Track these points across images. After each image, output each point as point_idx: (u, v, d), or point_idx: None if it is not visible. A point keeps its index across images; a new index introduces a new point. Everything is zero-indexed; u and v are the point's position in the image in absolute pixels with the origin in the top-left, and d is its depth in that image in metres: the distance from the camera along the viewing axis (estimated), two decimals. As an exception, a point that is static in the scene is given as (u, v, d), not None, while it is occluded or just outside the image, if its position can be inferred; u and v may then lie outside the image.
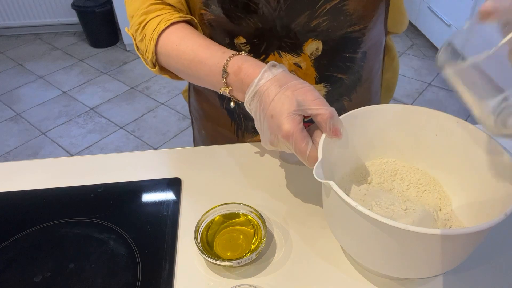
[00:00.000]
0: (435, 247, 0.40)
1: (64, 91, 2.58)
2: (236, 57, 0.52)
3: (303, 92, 0.47)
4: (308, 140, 0.47)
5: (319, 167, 0.44)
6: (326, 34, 0.60)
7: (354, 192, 0.55)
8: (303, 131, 0.47)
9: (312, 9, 0.57)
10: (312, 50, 0.62)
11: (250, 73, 0.49)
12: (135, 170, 0.68)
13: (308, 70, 0.65)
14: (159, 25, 0.57)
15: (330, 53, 0.63)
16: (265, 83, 0.48)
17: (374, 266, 0.48)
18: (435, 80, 2.52)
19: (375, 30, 0.64)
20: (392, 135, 0.57)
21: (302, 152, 0.47)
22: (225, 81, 0.52)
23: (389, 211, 0.50)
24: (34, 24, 3.17)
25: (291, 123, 0.46)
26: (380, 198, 0.52)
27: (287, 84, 0.47)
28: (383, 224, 0.39)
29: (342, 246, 0.51)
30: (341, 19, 0.58)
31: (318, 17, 0.58)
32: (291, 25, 0.59)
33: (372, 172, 0.58)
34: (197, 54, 0.55)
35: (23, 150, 2.13)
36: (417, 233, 0.38)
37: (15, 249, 0.56)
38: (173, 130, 2.24)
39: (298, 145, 0.46)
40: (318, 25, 0.59)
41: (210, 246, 0.53)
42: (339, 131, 0.48)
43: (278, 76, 0.49)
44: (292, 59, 0.63)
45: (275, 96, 0.47)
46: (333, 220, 0.49)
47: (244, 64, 0.51)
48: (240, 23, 0.59)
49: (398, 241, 0.41)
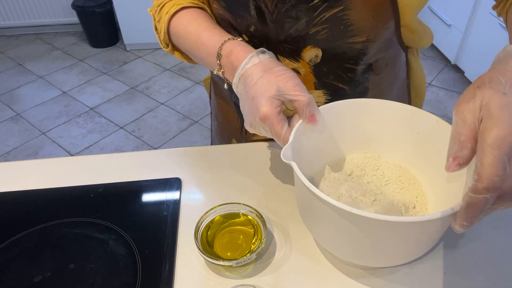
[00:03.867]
0: (387, 234, 0.42)
1: (64, 91, 2.58)
2: (231, 41, 0.55)
3: (285, 78, 0.49)
4: (284, 123, 0.49)
5: (288, 149, 0.46)
6: (325, 42, 0.59)
7: (329, 180, 0.56)
8: (280, 115, 0.49)
9: (310, 16, 0.56)
10: (311, 57, 0.61)
11: (239, 56, 0.52)
12: (135, 170, 0.68)
13: (307, 76, 0.64)
14: (171, 8, 0.61)
15: (330, 61, 0.62)
16: (250, 67, 0.51)
17: (334, 251, 0.50)
18: (435, 80, 2.52)
19: (381, 43, 0.62)
20: (376, 131, 0.58)
21: (277, 134, 0.48)
22: (219, 62, 0.55)
23: (357, 201, 0.52)
24: (34, 24, 3.17)
25: (269, 106, 0.48)
26: (353, 188, 0.53)
27: (271, 70, 0.50)
28: (332, 206, 0.40)
29: (308, 229, 0.53)
30: (341, 28, 0.57)
31: (317, 25, 0.57)
32: (288, 30, 0.58)
33: (354, 165, 0.59)
34: (200, 35, 0.58)
35: (23, 150, 2.13)
36: (359, 215, 0.39)
37: (15, 249, 0.56)
38: (173, 130, 2.24)
39: (273, 127, 0.48)
40: (317, 32, 0.58)
41: (210, 246, 0.53)
42: (315, 118, 0.49)
43: (264, 62, 0.51)
44: (290, 64, 0.63)
45: (258, 80, 0.49)
46: (299, 206, 0.51)
47: (236, 48, 0.53)
48: (242, 21, 0.60)
49: (353, 225, 0.42)
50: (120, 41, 3.08)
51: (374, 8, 0.56)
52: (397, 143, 0.57)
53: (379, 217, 0.38)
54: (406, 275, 0.51)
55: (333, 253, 0.52)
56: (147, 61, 2.86)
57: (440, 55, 2.68)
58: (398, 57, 0.68)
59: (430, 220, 0.39)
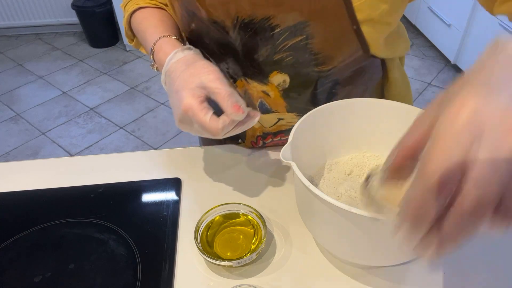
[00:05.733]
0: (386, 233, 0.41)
1: (64, 91, 2.58)
2: (164, 38, 0.56)
3: (207, 72, 0.49)
4: (207, 111, 0.48)
5: (287, 149, 0.46)
6: (292, 69, 0.58)
7: (328, 180, 0.56)
8: (203, 104, 0.48)
9: (273, 44, 0.55)
10: (279, 81, 0.60)
11: (166, 52, 0.54)
12: (135, 170, 0.68)
13: (278, 100, 0.63)
14: (131, 7, 0.64)
15: (299, 88, 0.61)
16: (174, 62, 0.52)
17: (334, 250, 0.50)
18: (435, 80, 2.52)
19: (350, 65, 0.59)
20: (376, 130, 0.58)
21: (202, 123, 0.47)
22: (152, 57, 0.57)
23: (356, 200, 0.52)
24: (34, 24, 3.17)
25: (191, 97, 0.48)
26: (352, 188, 0.53)
27: (193, 64, 0.51)
28: (332, 205, 0.40)
29: (308, 229, 0.53)
30: (306, 57, 0.56)
31: (281, 52, 0.56)
32: (253, 55, 0.57)
33: (354, 165, 0.59)
34: (145, 33, 0.60)
35: (23, 150, 2.13)
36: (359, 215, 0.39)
37: (15, 249, 0.56)
38: (173, 130, 2.24)
39: (197, 116, 0.47)
40: (282, 59, 0.57)
41: (210, 246, 0.53)
42: (240, 108, 0.48)
43: (188, 57, 0.52)
44: (259, 86, 0.62)
45: (180, 73, 0.50)
46: (299, 205, 0.51)
47: (165, 44, 0.55)
48: (212, 36, 0.59)
49: (352, 224, 0.42)
50: (120, 41, 3.08)
51: (338, 37, 0.54)
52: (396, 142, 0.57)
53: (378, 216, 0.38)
54: (406, 274, 0.51)
55: (333, 253, 0.52)
56: (147, 61, 2.86)
57: (440, 55, 2.68)
58: (368, 66, 0.63)
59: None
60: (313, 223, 0.49)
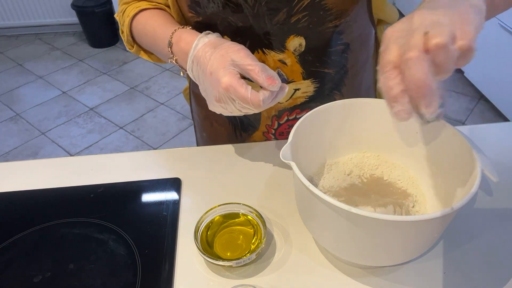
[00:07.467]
0: (386, 233, 0.42)
1: (64, 91, 2.58)
2: (180, 30, 0.58)
3: (236, 50, 0.51)
4: (247, 86, 0.50)
5: (287, 149, 0.47)
6: (307, 30, 0.61)
7: (328, 180, 0.57)
8: (241, 80, 0.50)
9: (290, 6, 0.58)
10: (295, 46, 0.63)
11: (188, 41, 0.55)
12: (135, 170, 0.68)
13: (294, 67, 0.65)
14: (132, 11, 0.66)
15: (314, 48, 0.64)
16: (201, 46, 0.53)
17: (334, 250, 0.50)
18: (435, 80, 2.52)
19: (358, 22, 0.64)
20: (375, 130, 0.58)
21: (244, 98, 0.49)
22: (170, 50, 0.58)
23: (356, 200, 0.52)
24: (34, 24, 3.16)
25: (228, 75, 0.49)
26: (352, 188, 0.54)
27: (220, 45, 0.52)
28: (332, 205, 0.40)
29: (308, 229, 0.53)
30: (320, 14, 0.59)
31: (297, 13, 0.59)
32: (271, 22, 0.60)
33: (353, 165, 0.59)
34: (156, 31, 0.62)
35: (23, 150, 2.13)
36: (358, 215, 0.39)
37: (15, 249, 0.56)
38: (173, 130, 2.24)
39: (238, 91, 0.49)
40: (298, 21, 0.59)
41: (210, 246, 0.53)
42: (274, 79, 0.50)
43: (213, 41, 0.54)
44: (276, 56, 0.64)
45: (211, 56, 0.52)
46: (299, 205, 0.51)
47: (184, 34, 0.56)
48: (222, 23, 0.61)
49: (352, 224, 0.42)
50: (119, 41, 3.08)
51: None
52: (396, 142, 0.57)
53: (378, 216, 0.38)
54: (406, 274, 0.51)
55: (333, 253, 0.52)
56: (146, 61, 2.86)
57: (440, 55, 2.68)
58: (369, 34, 0.70)
59: (429, 220, 0.39)
60: (312, 223, 0.49)
